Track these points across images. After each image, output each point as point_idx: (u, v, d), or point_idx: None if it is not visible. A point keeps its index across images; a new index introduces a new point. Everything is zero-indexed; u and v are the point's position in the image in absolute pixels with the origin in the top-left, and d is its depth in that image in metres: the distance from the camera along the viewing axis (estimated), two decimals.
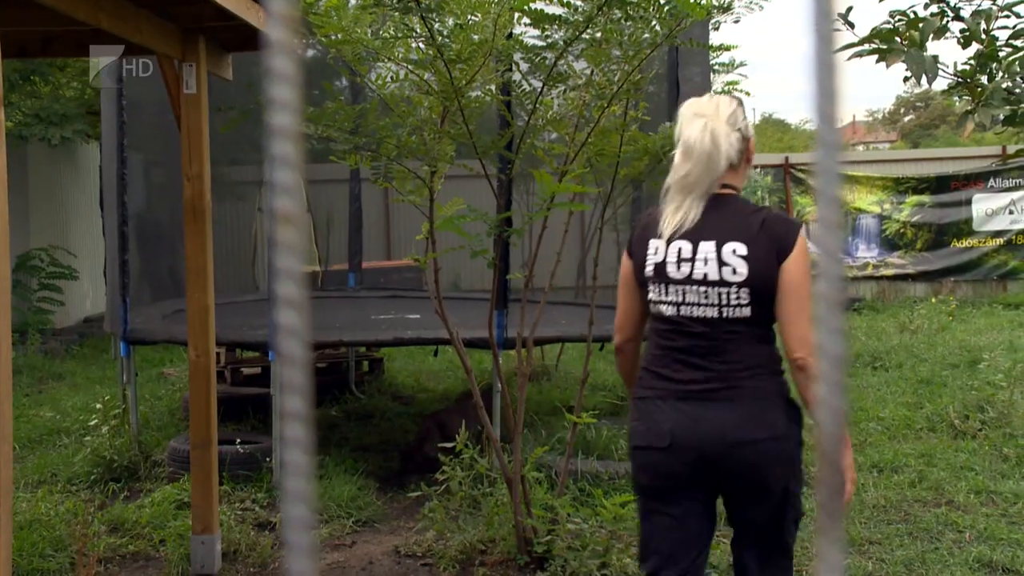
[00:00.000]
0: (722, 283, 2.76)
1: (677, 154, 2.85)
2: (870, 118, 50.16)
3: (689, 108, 2.94)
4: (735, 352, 2.76)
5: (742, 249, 2.75)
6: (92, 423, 6.62)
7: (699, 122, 2.84)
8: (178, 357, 10.56)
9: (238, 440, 6.01)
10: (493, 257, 4.90)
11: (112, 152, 6.70)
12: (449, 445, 4.94)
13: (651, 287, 2.86)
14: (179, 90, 4.52)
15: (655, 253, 2.85)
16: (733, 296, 2.75)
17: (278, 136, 0.53)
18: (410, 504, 5.60)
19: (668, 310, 2.83)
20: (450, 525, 4.93)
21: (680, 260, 2.81)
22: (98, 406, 6.76)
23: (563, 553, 4.45)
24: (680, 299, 2.81)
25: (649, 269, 2.86)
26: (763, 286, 2.73)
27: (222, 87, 5.45)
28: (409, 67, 4.44)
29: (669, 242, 2.83)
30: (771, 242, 2.75)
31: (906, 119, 43.60)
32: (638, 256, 2.91)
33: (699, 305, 2.78)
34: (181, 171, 4.66)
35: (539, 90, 4.75)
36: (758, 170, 15.63)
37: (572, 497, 5.18)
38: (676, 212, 2.83)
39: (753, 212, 2.83)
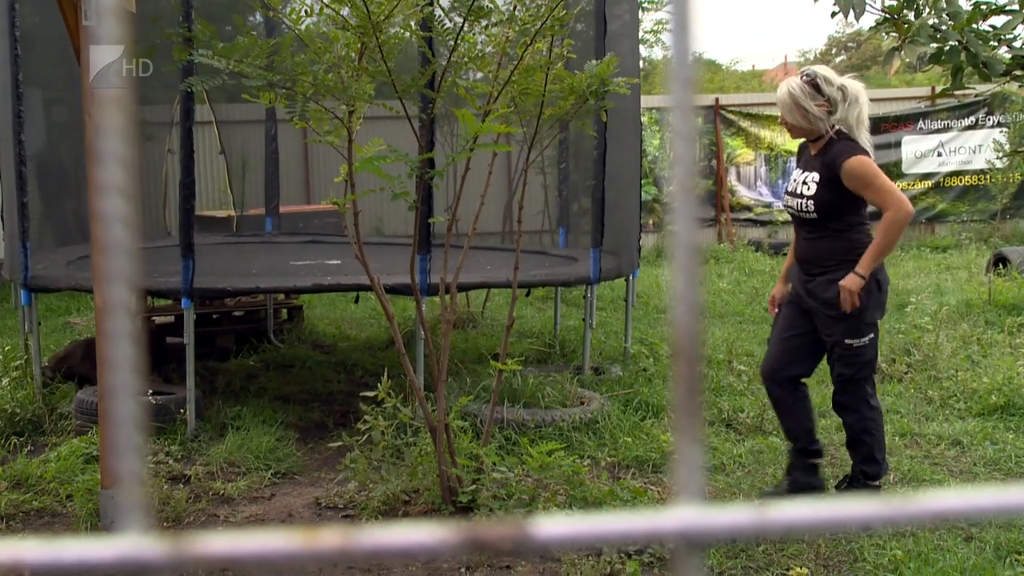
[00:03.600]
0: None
1: (860, 104, 4.41)
2: (802, 58, 50.61)
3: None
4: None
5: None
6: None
7: None
8: (84, 305, 10.36)
9: (150, 391, 5.94)
10: (414, 200, 4.86)
11: (6, 87, 6.48)
12: (372, 394, 4.93)
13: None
14: (78, 20, 4.38)
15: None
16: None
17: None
18: (331, 455, 5.59)
19: None
20: (372, 476, 4.94)
21: None
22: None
23: (488, 502, 4.50)
24: None
25: None
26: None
27: (126, 19, 5.29)
28: (325, 1, 4.36)
29: None
30: None
31: (838, 60, 44.11)
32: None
33: None
34: (79, 108, 4.53)
35: (460, 26, 4.70)
36: None
37: (498, 446, 5.23)
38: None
39: None
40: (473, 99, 4.69)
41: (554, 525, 0.51)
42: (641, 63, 14.43)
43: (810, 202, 4.44)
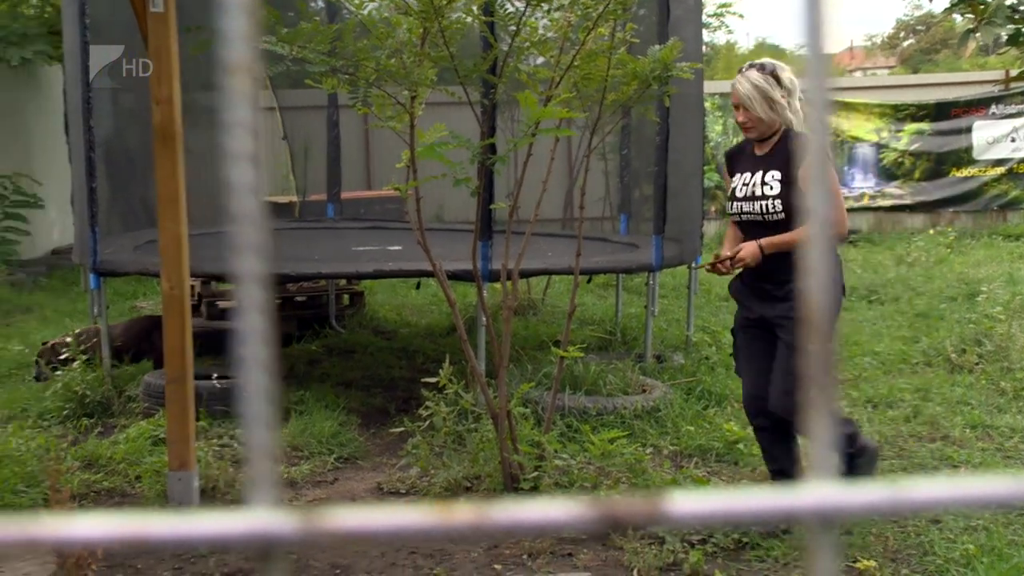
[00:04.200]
0: None
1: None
2: (868, 43, 49.80)
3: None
4: None
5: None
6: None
7: None
8: (151, 290, 10.53)
9: (215, 375, 6.02)
10: (476, 186, 4.87)
11: (76, 75, 6.60)
12: (433, 380, 4.96)
13: None
14: (145, 7, 4.44)
15: None
16: None
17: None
18: (393, 440, 5.64)
19: None
20: (434, 461, 4.97)
21: None
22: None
23: (550, 489, 4.50)
24: None
25: None
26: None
27: (192, 5, 5.35)
28: None
29: None
30: None
31: (906, 44, 43.33)
32: None
33: None
34: (147, 95, 4.59)
35: (523, 11, 4.68)
36: None
37: (559, 433, 5.23)
38: None
39: None
40: (535, 84, 4.68)
41: (689, 502, 0.50)
42: (704, 48, 14.28)
43: (777, 202, 4.09)
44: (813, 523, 0.51)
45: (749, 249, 4.09)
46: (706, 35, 13.72)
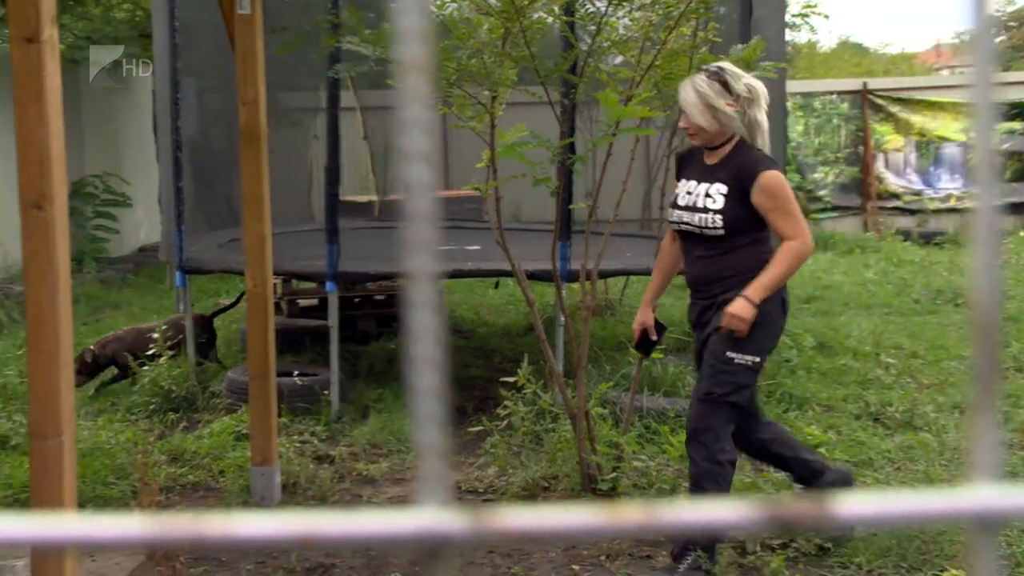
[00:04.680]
0: None
1: (763, 107, 3.91)
2: (957, 40, 48.68)
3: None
4: None
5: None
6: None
7: None
8: (234, 287, 10.71)
9: (296, 372, 6.11)
10: (556, 186, 4.87)
11: (165, 76, 6.75)
12: (512, 380, 4.97)
13: None
14: (233, 10, 4.53)
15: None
16: None
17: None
18: (471, 439, 5.66)
19: None
20: (512, 461, 4.98)
21: None
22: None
23: (629, 491, 4.49)
24: None
25: None
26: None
27: (278, 7, 5.44)
28: None
29: None
30: None
31: (996, 41, 42.27)
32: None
33: None
34: (234, 96, 4.69)
35: (603, 10, 4.68)
36: (834, 96, 15.31)
37: (638, 434, 5.20)
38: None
39: None
40: (615, 84, 4.66)
41: (856, 504, 0.50)
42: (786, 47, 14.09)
43: (717, 217, 3.85)
44: (974, 526, 0.50)
45: (739, 309, 3.76)
46: (788, 34, 13.56)
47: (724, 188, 3.88)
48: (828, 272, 12.05)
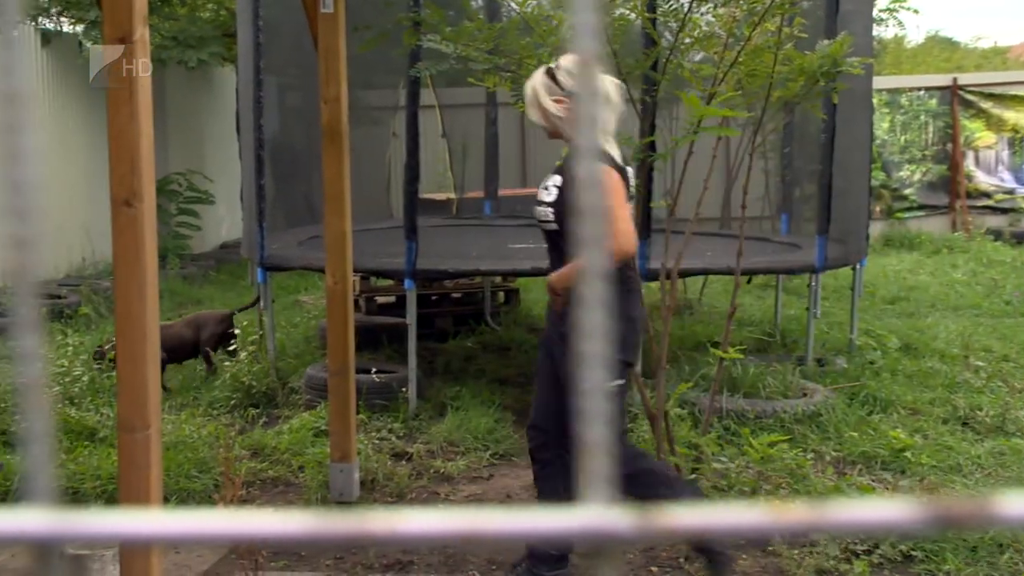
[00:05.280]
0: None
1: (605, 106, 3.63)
2: None
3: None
4: None
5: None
6: (231, 349, 6.89)
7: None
8: (312, 285, 10.86)
9: (374, 369, 6.18)
10: (636, 184, 4.86)
11: (249, 75, 6.87)
12: None
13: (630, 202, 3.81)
14: (316, 9, 4.59)
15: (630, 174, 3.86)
16: None
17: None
18: None
19: None
20: None
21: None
22: (236, 332, 7.04)
23: (708, 492, 4.45)
24: None
25: (632, 189, 3.86)
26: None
27: (359, 6, 5.50)
28: None
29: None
30: None
31: None
32: (620, 176, 3.70)
33: None
34: (315, 94, 4.75)
35: (686, 6, 4.65)
36: (922, 92, 15.00)
37: (717, 436, 5.16)
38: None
39: None
40: (698, 81, 4.64)
41: (1021, 504, 0.50)
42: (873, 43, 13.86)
43: (549, 210, 3.73)
44: None
45: (555, 279, 3.72)
46: (875, 29, 13.33)
47: (559, 180, 3.76)
48: (914, 272, 11.84)
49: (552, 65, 3.78)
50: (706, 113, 4.21)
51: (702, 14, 4.91)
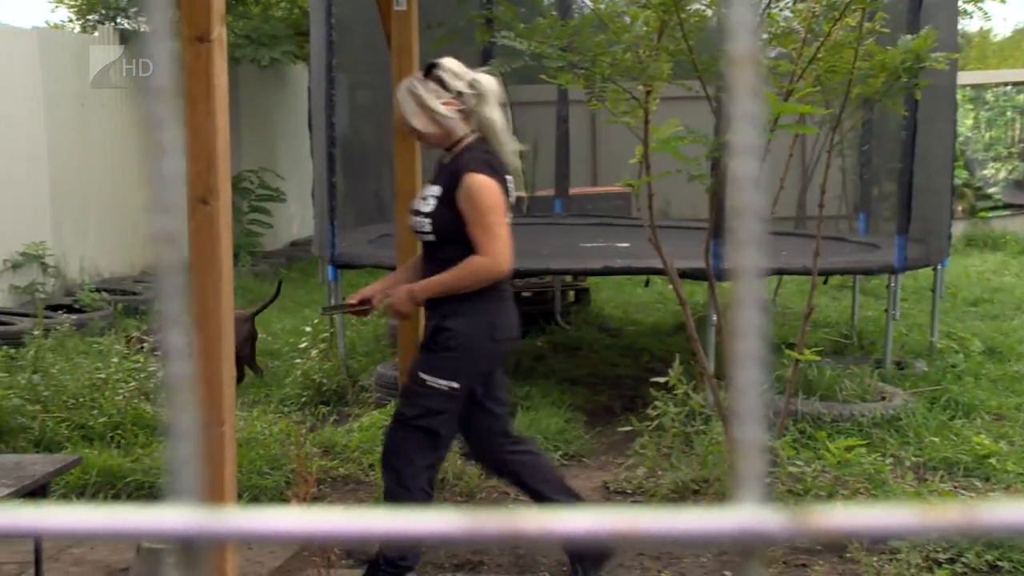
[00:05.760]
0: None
1: (495, 104, 3.72)
2: None
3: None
4: None
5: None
6: (302, 346, 6.98)
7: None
8: None
9: None
10: (712, 182, 4.82)
11: (321, 72, 6.94)
12: (662, 380, 4.95)
13: (509, 213, 3.72)
14: (390, 6, 4.63)
15: (511, 183, 3.76)
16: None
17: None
18: (619, 439, 5.65)
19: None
20: (662, 463, 4.95)
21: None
22: (307, 330, 7.12)
23: (783, 497, 4.41)
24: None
25: (513, 198, 3.77)
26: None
27: (432, 3, 5.54)
28: None
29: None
30: None
31: None
32: (501, 187, 3.67)
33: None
34: (386, 92, 4.79)
35: (764, 2, 4.60)
36: (1008, 87, 14.67)
37: (792, 439, 5.11)
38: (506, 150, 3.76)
39: None
40: (775, 78, 4.58)
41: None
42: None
43: (426, 220, 3.69)
44: None
45: (400, 295, 3.71)
46: (959, 22, 13.07)
47: (437, 190, 3.72)
48: (998, 274, 11.59)
49: (425, 70, 3.75)
50: (783, 110, 4.16)
51: (780, 9, 4.86)
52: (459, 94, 3.68)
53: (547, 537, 0.50)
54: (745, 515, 0.50)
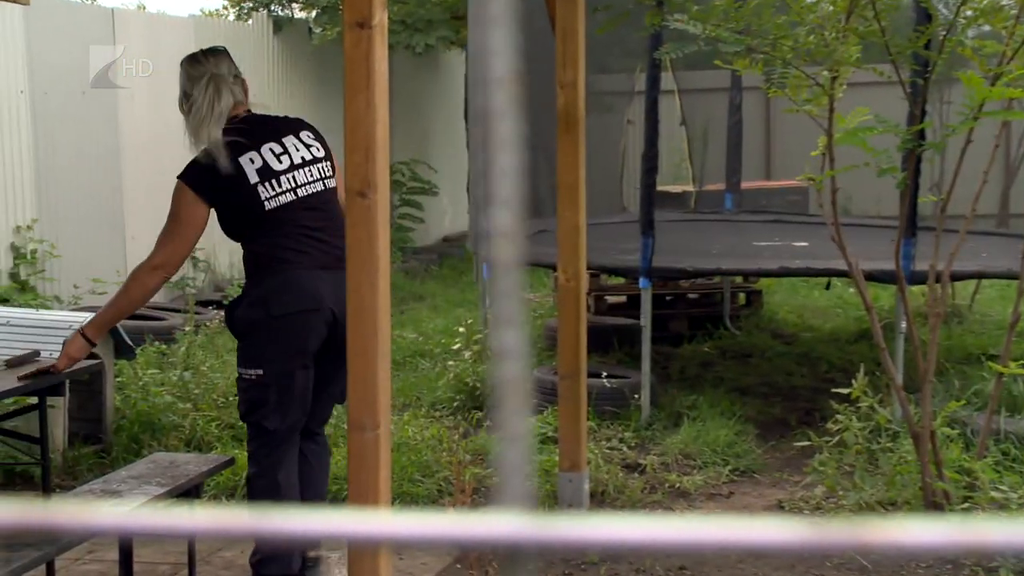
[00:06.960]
0: (315, 160, 3.83)
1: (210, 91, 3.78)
2: None
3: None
4: (340, 218, 3.51)
5: (311, 134, 3.90)
6: (455, 347, 7.05)
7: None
8: (538, 281, 10.97)
9: (604, 374, 6.18)
10: (904, 176, 4.67)
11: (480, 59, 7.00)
12: (845, 392, 4.81)
13: (261, 189, 3.69)
14: None
15: (252, 163, 3.71)
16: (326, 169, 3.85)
17: None
18: (795, 455, 5.53)
19: (286, 198, 3.72)
20: (843, 482, 4.82)
21: (278, 155, 3.76)
22: (460, 330, 7.20)
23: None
24: (293, 185, 3.74)
25: (254, 178, 3.69)
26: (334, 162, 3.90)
27: None
28: None
29: (259, 150, 3.73)
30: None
31: None
32: (232, 180, 3.68)
33: (310, 184, 3.78)
34: (541, 79, 4.77)
35: None
36: None
37: (994, 460, 4.89)
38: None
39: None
40: (981, 60, 4.39)
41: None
42: None
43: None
44: None
45: (73, 348, 3.88)
46: None
47: None
48: None
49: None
50: (990, 95, 3.99)
51: None
52: (183, 91, 3.98)
53: (899, 550, 0.48)
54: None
